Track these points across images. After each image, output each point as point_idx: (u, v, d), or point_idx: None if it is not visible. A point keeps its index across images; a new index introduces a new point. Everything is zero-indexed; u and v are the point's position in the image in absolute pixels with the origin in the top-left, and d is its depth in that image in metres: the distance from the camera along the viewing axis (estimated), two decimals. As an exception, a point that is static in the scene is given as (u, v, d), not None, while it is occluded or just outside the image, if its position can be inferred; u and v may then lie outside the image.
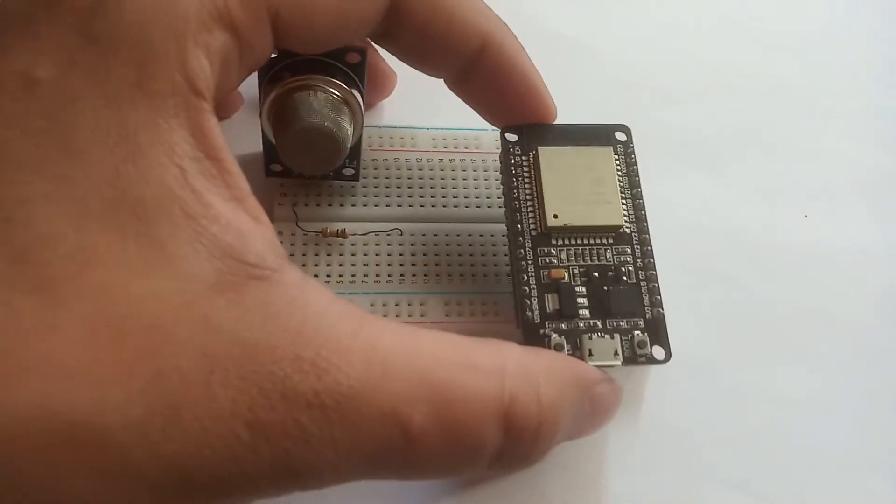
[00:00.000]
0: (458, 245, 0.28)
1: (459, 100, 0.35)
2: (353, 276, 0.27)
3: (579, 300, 0.25)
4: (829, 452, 0.27)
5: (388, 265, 0.28)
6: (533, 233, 0.26)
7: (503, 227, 0.28)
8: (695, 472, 0.26)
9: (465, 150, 0.31)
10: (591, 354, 0.24)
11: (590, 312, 0.25)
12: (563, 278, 0.25)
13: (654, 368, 0.28)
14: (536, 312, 0.24)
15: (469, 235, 0.29)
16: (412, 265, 0.28)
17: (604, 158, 0.27)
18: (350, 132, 0.26)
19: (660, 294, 0.26)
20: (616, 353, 0.24)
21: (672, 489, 0.26)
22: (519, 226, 0.26)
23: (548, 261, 0.25)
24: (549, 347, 0.24)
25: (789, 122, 0.37)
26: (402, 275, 0.27)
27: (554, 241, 0.26)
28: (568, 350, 0.24)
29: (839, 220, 0.33)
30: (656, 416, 0.27)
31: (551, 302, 0.25)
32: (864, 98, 0.38)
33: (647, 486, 0.26)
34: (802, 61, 0.39)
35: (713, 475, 0.26)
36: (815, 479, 0.26)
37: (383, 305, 0.27)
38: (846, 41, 0.41)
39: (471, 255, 0.28)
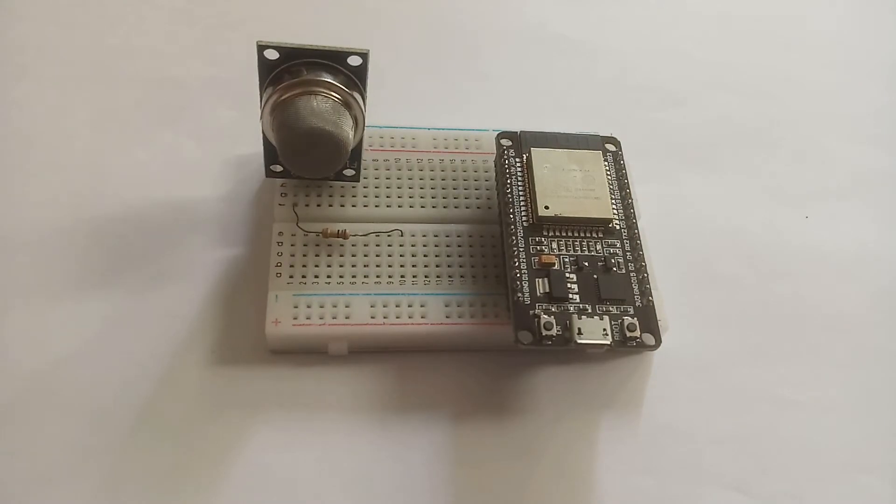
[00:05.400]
0: (459, 246, 0.29)
1: (459, 100, 0.36)
2: (353, 276, 0.27)
3: (569, 285, 0.25)
4: (828, 453, 0.27)
5: (389, 266, 0.28)
6: (525, 224, 0.27)
7: (503, 227, 0.28)
8: (694, 473, 0.26)
9: (465, 151, 0.31)
10: (580, 333, 0.24)
11: (580, 297, 0.25)
12: (554, 265, 0.26)
13: (654, 369, 0.28)
14: (527, 294, 0.25)
15: (469, 236, 0.29)
16: (412, 266, 0.28)
17: (593, 160, 0.28)
18: (351, 135, 0.26)
19: (649, 285, 0.26)
20: (605, 333, 0.24)
21: (671, 489, 0.26)
22: (511, 217, 0.27)
23: (539, 249, 0.26)
24: (539, 327, 0.24)
25: (789, 122, 0.37)
26: (402, 276, 0.27)
27: (545, 233, 0.27)
28: (557, 330, 0.24)
29: (839, 220, 0.33)
30: (656, 416, 0.27)
31: (541, 286, 0.25)
32: (864, 98, 0.38)
33: (646, 487, 0.26)
34: (803, 62, 0.39)
35: (712, 476, 0.26)
36: (815, 480, 0.26)
37: (384, 307, 0.27)
38: (846, 42, 0.41)
39: (471, 255, 0.28)
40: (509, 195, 0.27)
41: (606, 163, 0.29)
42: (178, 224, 0.30)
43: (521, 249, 0.26)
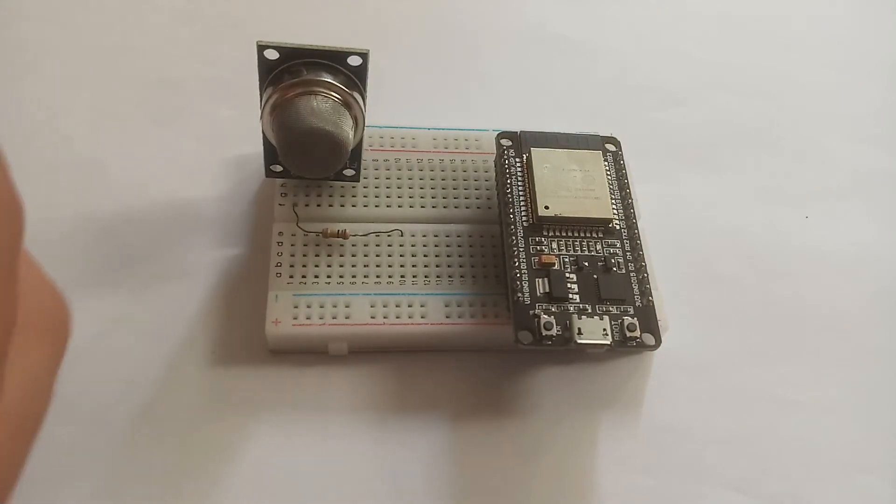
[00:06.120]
0: (459, 246, 0.29)
1: (459, 100, 0.36)
2: (353, 276, 0.27)
3: (569, 285, 0.26)
4: (828, 453, 0.27)
5: (389, 266, 0.28)
6: (525, 224, 0.27)
7: (503, 227, 0.28)
8: (694, 473, 0.26)
9: (465, 151, 0.31)
10: (580, 333, 0.24)
11: (580, 297, 0.25)
12: (554, 265, 0.26)
13: (654, 369, 0.28)
14: (527, 294, 0.25)
15: (469, 236, 0.29)
16: (412, 266, 0.28)
17: (593, 160, 0.28)
18: (351, 135, 0.26)
19: (649, 285, 0.26)
20: (605, 333, 0.24)
21: (671, 489, 0.26)
22: (511, 216, 0.27)
23: (539, 249, 0.26)
24: (539, 327, 0.24)
25: (789, 122, 0.37)
26: (402, 276, 0.27)
27: (545, 233, 0.27)
28: (557, 330, 0.24)
29: (839, 220, 0.33)
30: (656, 416, 0.27)
31: (541, 285, 0.25)
32: (864, 98, 0.38)
33: (646, 487, 0.26)
34: (803, 62, 0.39)
35: (712, 476, 0.26)
36: (815, 480, 0.26)
37: (384, 307, 0.27)
38: (846, 42, 0.41)
39: (471, 255, 0.28)
40: (509, 195, 0.27)
41: (606, 163, 0.29)
42: (178, 224, 0.30)
43: (521, 249, 0.26)
